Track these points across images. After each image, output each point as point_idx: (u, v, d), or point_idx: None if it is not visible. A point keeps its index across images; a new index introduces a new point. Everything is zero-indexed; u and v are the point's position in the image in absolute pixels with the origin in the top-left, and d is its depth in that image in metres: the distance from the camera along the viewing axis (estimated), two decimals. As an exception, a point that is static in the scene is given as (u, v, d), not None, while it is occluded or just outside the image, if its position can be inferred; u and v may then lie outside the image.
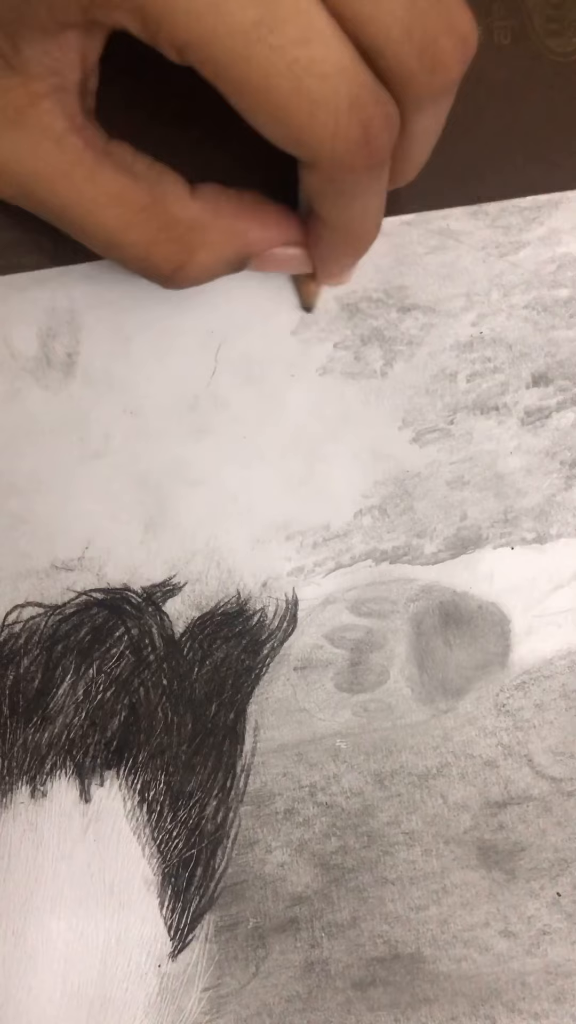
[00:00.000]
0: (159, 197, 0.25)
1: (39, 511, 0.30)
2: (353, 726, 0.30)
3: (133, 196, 0.25)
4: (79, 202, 0.24)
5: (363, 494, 0.30)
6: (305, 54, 0.20)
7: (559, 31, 0.31)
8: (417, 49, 0.21)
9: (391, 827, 0.30)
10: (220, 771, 0.29)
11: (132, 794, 0.29)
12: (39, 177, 0.24)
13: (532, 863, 0.30)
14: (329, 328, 0.30)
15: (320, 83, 0.21)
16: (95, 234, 0.25)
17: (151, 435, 0.30)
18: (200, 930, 0.29)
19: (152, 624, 0.30)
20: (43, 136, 0.24)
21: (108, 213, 0.25)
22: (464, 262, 0.31)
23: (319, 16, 0.21)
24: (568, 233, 0.31)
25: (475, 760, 0.30)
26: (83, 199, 0.24)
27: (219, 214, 0.26)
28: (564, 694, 0.30)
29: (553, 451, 0.31)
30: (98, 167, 0.24)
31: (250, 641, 0.30)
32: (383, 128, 0.22)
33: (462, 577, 0.30)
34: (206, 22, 0.20)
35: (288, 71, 0.21)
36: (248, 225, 0.27)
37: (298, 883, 0.29)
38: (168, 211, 0.25)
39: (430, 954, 0.29)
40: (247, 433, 0.30)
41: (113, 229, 0.25)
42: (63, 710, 0.29)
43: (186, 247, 0.26)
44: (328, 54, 0.21)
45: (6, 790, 0.29)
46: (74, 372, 0.30)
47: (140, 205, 0.25)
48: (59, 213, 0.25)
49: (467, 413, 0.31)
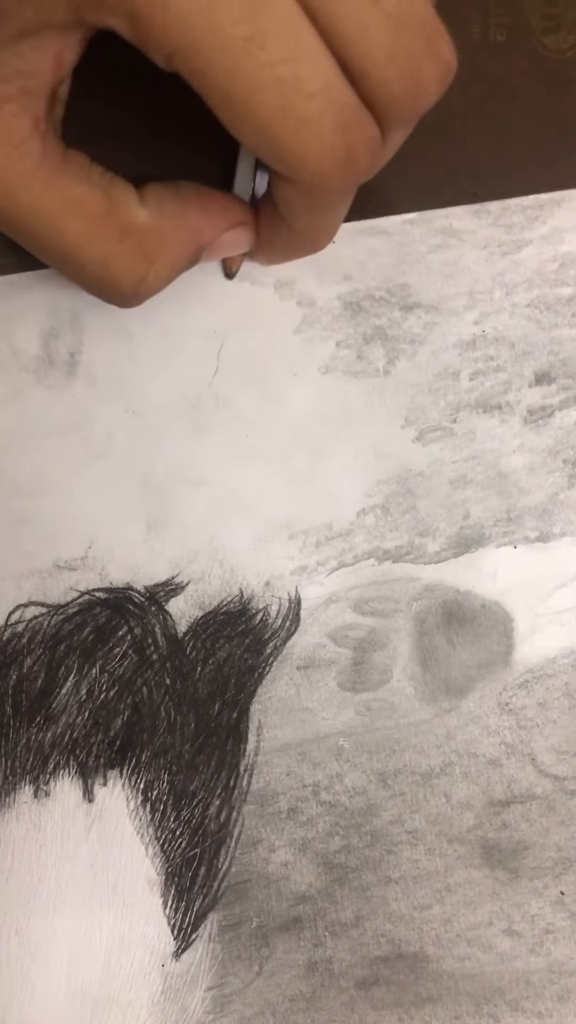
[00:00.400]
0: (114, 206, 0.25)
1: (42, 511, 0.30)
2: (356, 725, 0.30)
3: (91, 205, 0.24)
4: (37, 211, 0.24)
5: (366, 493, 0.30)
6: (292, 72, 0.21)
7: (554, 28, 0.31)
8: (401, 74, 0.21)
9: (394, 826, 0.30)
10: (223, 770, 0.29)
11: (135, 793, 0.29)
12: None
13: (536, 862, 0.30)
14: (331, 327, 0.30)
15: (306, 101, 0.21)
16: (54, 247, 0.24)
17: (154, 435, 0.30)
18: (203, 929, 0.29)
19: (155, 623, 0.30)
20: (4, 141, 0.23)
21: (67, 223, 0.24)
22: (466, 261, 0.31)
23: (307, 34, 0.21)
24: (570, 231, 0.31)
25: (478, 759, 0.30)
26: (42, 208, 0.24)
27: (169, 215, 0.26)
28: (567, 693, 0.30)
29: (556, 449, 0.31)
30: (57, 176, 0.24)
31: (253, 640, 0.30)
32: (366, 148, 0.22)
33: (465, 576, 0.30)
34: (197, 33, 0.20)
35: (275, 88, 0.21)
36: (197, 220, 0.26)
37: (301, 882, 0.29)
38: (123, 219, 0.25)
39: (434, 953, 0.29)
40: (249, 432, 0.30)
41: (72, 241, 0.24)
42: (66, 710, 0.29)
43: (145, 257, 0.25)
44: (315, 73, 0.21)
45: (9, 790, 0.29)
46: (76, 372, 0.30)
47: (98, 215, 0.24)
48: (16, 224, 0.24)
49: (470, 412, 0.31)
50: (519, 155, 0.31)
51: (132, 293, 0.26)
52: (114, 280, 0.25)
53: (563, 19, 0.31)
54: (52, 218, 0.24)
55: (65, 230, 0.24)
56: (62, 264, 0.25)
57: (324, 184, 0.22)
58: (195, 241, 0.26)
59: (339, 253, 0.30)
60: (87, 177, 0.24)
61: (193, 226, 0.26)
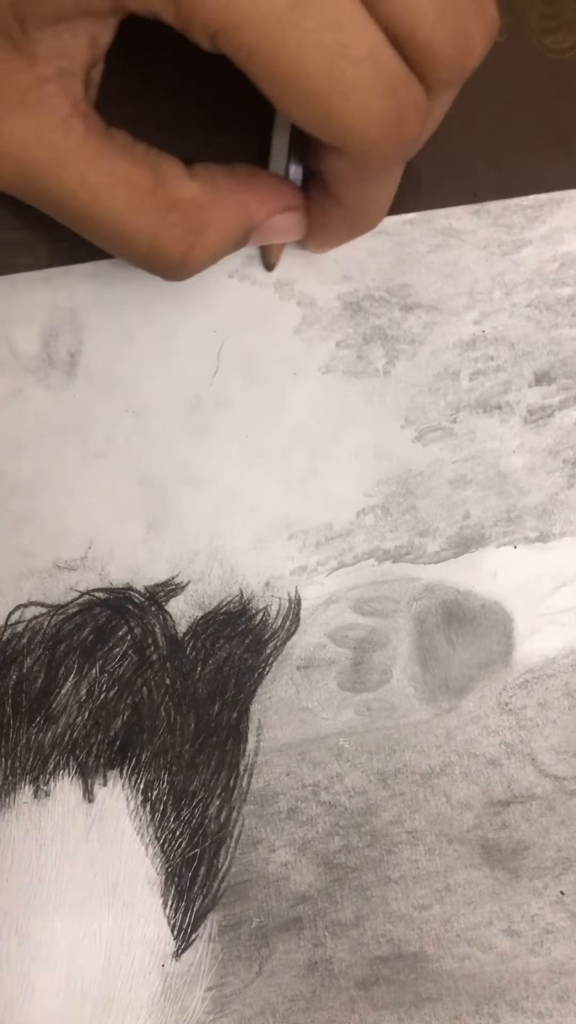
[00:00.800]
0: (161, 179, 0.25)
1: (42, 511, 0.30)
2: (356, 725, 0.30)
3: (137, 179, 0.24)
4: (83, 187, 0.24)
5: (366, 493, 0.30)
6: (337, 38, 0.20)
7: (555, 28, 0.31)
8: (450, 31, 0.21)
9: (394, 826, 0.30)
10: (223, 770, 0.29)
11: (135, 793, 0.29)
12: (42, 163, 0.24)
13: (535, 862, 0.30)
14: (331, 327, 0.30)
15: (353, 67, 0.21)
16: (100, 222, 0.25)
17: (153, 435, 0.30)
18: (203, 929, 0.29)
19: (155, 623, 0.30)
20: (47, 120, 0.23)
21: (114, 197, 0.24)
22: (466, 261, 0.31)
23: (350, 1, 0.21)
24: (570, 231, 0.31)
25: (478, 759, 0.30)
26: (88, 184, 0.24)
27: (220, 191, 0.26)
28: (567, 693, 0.30)
29: (556, 450, 0.31)
30: (101, 151, 0.24)
31: (253, 640, 0.30)
32: (416, 113, 0.22)
33: (465, 576, 0.30)
34: (240, 8, 0.20)
35: (321, 56, 0.21)
36: (248, 198, 0.26)
37: (301, 882, 0.29)
38: (172, 193, 0.25)
39: (433, 953, 0.29)
40: (249, 432, 0.30)
41: (119, 215, 0.24)
42: (66, 710, 0.29)
43: (193, 228, 0.25)
44: (359, 38, 0.21)
45: (9, 790, 0.29)
46: (76, 372, 0.30)
47: (145, 188, 0.24)
48: (63, 200, 0.24)
49: (470, 412, 0.31)
50: (519, 155, 0.31)
51: (179, 264, 0.26)
52: (162, 251, 0.25)
53: (563, 19, 0.31)
54: (98, 193, 0.24)
55: (112, 204, 0.24)
56: (110, 238, 0.25)
57: (377, 151, 0.22)
58: (245, 219, 0.26)
59: (339, 253, 0.30)
60: (131, 152, 0.25)
61: (244, 203, 0.26)
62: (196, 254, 0.26)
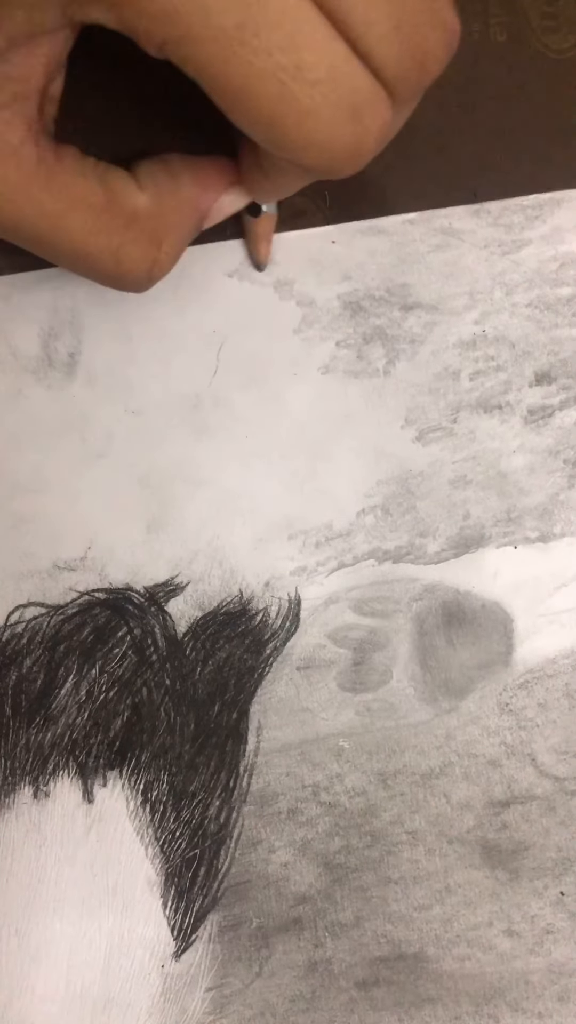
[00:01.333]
0: (113, 196, 0.24)
1: (41, 511, 0.30)
2: (356, 726, 0.30)
3: (92, 199, 0.24)
4: (40, 214, 0.23)
5: (366, 493, 0.30)
6: (292, 60, 0.20)
7: (555, 28, 0.31)
8: (406, 46, 0.21)
9: (394, 827, 0.30)
10: (223, 771, 0.29)
11: (135, 794, 0.29)
12: None
13: (535, 862, 0.30)
14: (331, 327, 0.30)
15: (309, 90, 0.20)
16: (63, 247, 0.24)
17: (153, 435, 0.30)
18: (203, 930, 0.29)
19: (155, 624, 0.29)
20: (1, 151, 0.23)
21: (71, 221, 0.24)
22: (466, 261, 0.31)
23: (309, 17, 0.20)
24: (570, 231, 0.31)
25: (478, 759, 0.30)
26: (44, 211, 0.23)
27: (166, 193, 0.25)
28: (567, 693, 0.30)
29: (556, 450, 0.31)
30: (54, 175, 0.23)
31: (253, 641, 0.30)
32: (377, 135, 0.21)
33: (465, 576, 0.30)
34: (186, 20, 0.19)
35: (273, 77, 0.20)
36: (193, 190, 0.26)
37: (301, 883, 0.29)
38: (126, 208, 0.24)
39: (433, 953, 0.29)
40: (249, 432, 0.30)
41: (80, 238, 0.24)
42: (66, 710, 0.29)
43: (153, 239, 0.25)
44: (319, 59, 0.20)
45: (9, 791, 0.29)
46: (76, 372, 0.30)
47: (99, 207, 0.24)
48: (20, 228, 0.24)
49: (470, 412, 0.31)
50: (519, 154, 0.31)
51: (146, 278, 0.25)
52: (127, 269, 0.25)
53: (563, 18, 0.31)
54: (57, 218, 0.24)
55: (71, 227, 0.24)
56: (72, 261, 0.25)
57: (330, 171, 0.22)
58: (195, 212, 0.26)
59: (339, 253, 0.30)
60: (83, 171, 0.24)
61: (190, 197, 0.26)
62: (161, 264, 0.25)
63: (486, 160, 0.31)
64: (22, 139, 0.23)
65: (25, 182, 0.23)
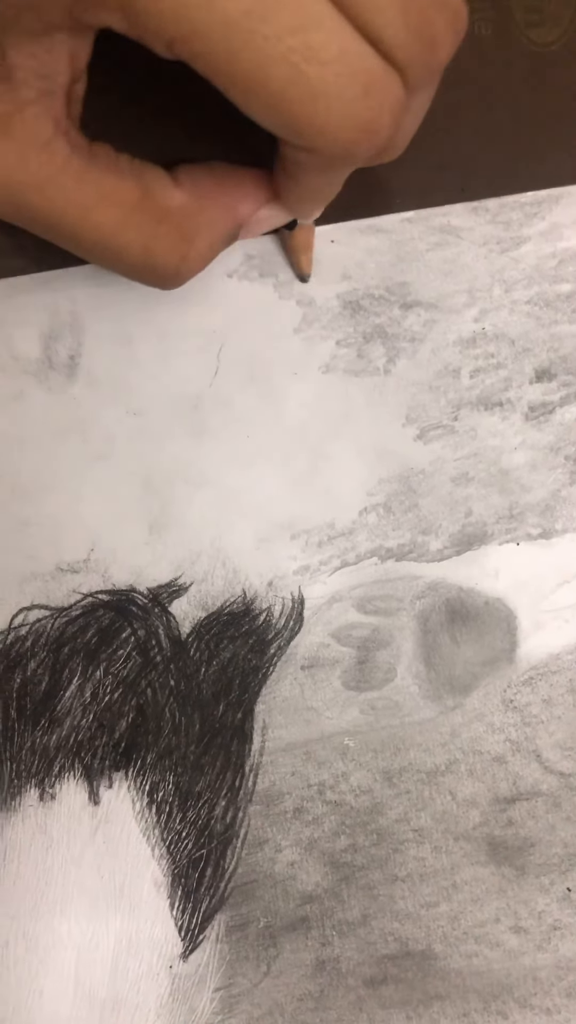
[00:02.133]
0: (148, 191, 0.25)
1: (44, 514, 0.30)
2: (361, 724, 0.30)
3: (124, 194, 0.24)
4: (71, 208, 0.24)
5: (368, 492, 0.30)
6: (301, 41, 0.20)
7: (539, 22, 0.31)
8: (414, 29, 0.21)
9: (400, 824, 0.30)
10: (229, 771, 0.29)
11: (141, 795, 0.29)
12: (28, 187, 0.24)
13: (542, 858, 0.30)
14: (331, 326, 0.30)
15: (320, 71, 0.20)
16: (91, 239, 0.25)
17: (154, 436, 0.30)
18: (211, 930, 0.29)
19: (158, 625, 0.29)
20: (30, 144, 0.23)
21: (102, 214, 0.24)
22: (465, 258, 0.31)
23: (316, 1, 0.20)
24: (569, 228, 0.31)
25: (483, 756, 0.30)
26: (75, 204, 0.24)
27: (205, 195, 0.26)
28: (572, 689, 0.30)
29: (557, 446, 0.31)
30: (86, 169, 0.24)
31: (257, 640, 0.30)
32: (391, 115, 0.21)
33: (468, 573, 0.30)
34: (193, 15, 0.20)
35: (284, 60, 0.20)
36: (233, 197, 0.26)
37: (308, 882, 0.29)
38: (160, 203, 0.25)
39: (441, 951, 0.29)
40: (250, 432, 0.30)
41: (109, 231, 0.24)
42: (71, 712, 0.29)
43: (185, 236, 0.25)
44: (328, 39, 0.20)
45: (15, 793, 0.29)
46: (77, 374, 0.30)
47: (132, 202, 0.24)
48: (51, 222, 0.24)
49: (471, 409, 0.31)
50: (511, 151, 0.31)
51: (174, 274, 0.26)
52: (156, 263, 0.25)
53: (547, 13, 0.31)
54: (87, 210, 0.24)
55: (101, 220, 0.24)
56: (102, 254, 0.25)
57: (346, 154, 0.22)
58: (232, 218, 0.26)
59: (338, 252, 0.30)
60: (116, 167, 0.25)
61: (229, 203, 0.26)
62: (190, 262, 0.26)
63: (480, 157, 0.31)
64: (52, 133, 0.23)
65: (56, 174, 0.24)
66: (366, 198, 0.30)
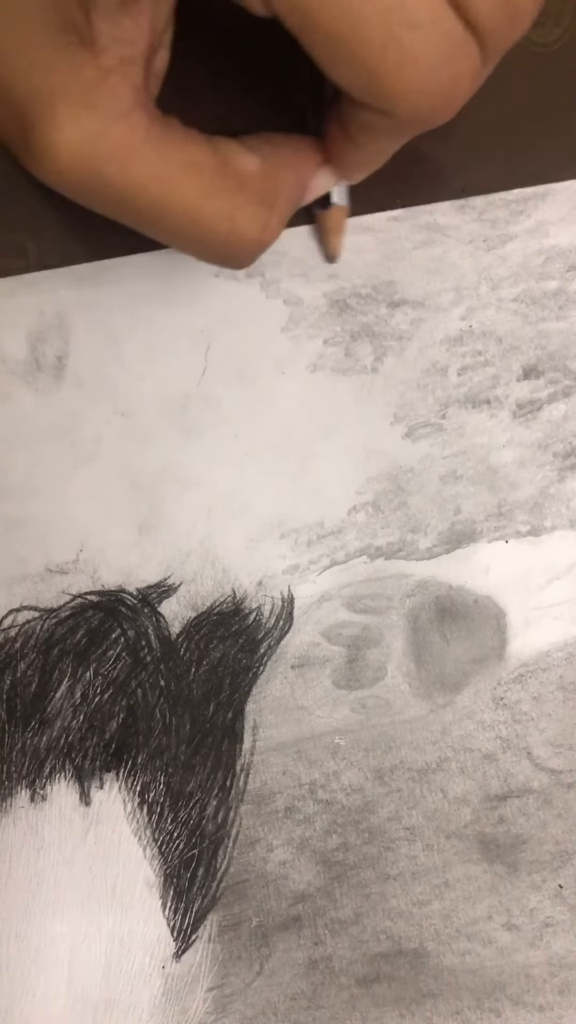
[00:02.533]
0: (225, 159, 0.24)
1: (32, 515, 0.30)
2: (351, 723, 0.30)
3: (205, 162, 0.24)
4: (154, 179, 0.23)
5: (356, 490, 0.30)
6: (399, 3, 0.20)
7: (540, 21, 0.31)
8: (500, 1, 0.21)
9: (392, 823, 0.30)
10: (220, 771, 0.29)
11: (132, 796, 0.29)
12: (109, 158, 0.23)
13: (533, 856, 0.30)
14: (319, 324, 0.30)
15: (411, 33, 0.20)
16: (174, 211, 0.24)
17: (143, 436, 0.30)
18: (203, 930, 0.29)
19: (148, 625, 0.29)
20: (112, 114, 0.23)
21: (186, 184, 0.24)
22: (452, 256, 0.31)
23: None
24: (555, 225, 0.31)
25: (474, 754, 0.30)
26: (158, 175, 0.23)
27: (274, 159, 0.25)
28: (561, 686, 0.30)
29: (545, 443, 0.31)
30: (165, 140, 0.24)
31: (247, 640, 0.30)
32: (470, 83, 0.22)
33: (457, 571, 0.30)
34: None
35: (380, 21, 0.20)
36: (296, 159, 0.26)
37: (300, 881, 0.29)
38: (238, 170, 0.24)
39: (434, 949, 0.29)
40: (239, 432, 0.30)
41: (194, 201, 0.24)
42: (61, 713, 0.29)
43: (266, 202, 0.25)
44: (420, 3, 0.20)
45: (6, 794, 0.29)
46: (64, 375, 0.30)
47: (213, 170, 0.24)
48: (131, 194, 0.24)
49: (459, 407, 0.31)
50: (503, 149, 0.31)
51: (256, 243, 0.25)
52: (240, 232, 0.25)
53: (548, 12, 0.31)
54: (171, 182, 0.24)
55: (186, 191, 0.24)
56: (184, 227, 0.24)
57: (424, 117, 0.22)
58: (299, 180, 0.26)
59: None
60: (191, 137, 0.24)
61: (295, 165, 0.26)
62: (271, 230, 0.25)
63: (470, 155, 0.31)
64: (132, 103, 0.23)
65: (138, 145, 0.23)
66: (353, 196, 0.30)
